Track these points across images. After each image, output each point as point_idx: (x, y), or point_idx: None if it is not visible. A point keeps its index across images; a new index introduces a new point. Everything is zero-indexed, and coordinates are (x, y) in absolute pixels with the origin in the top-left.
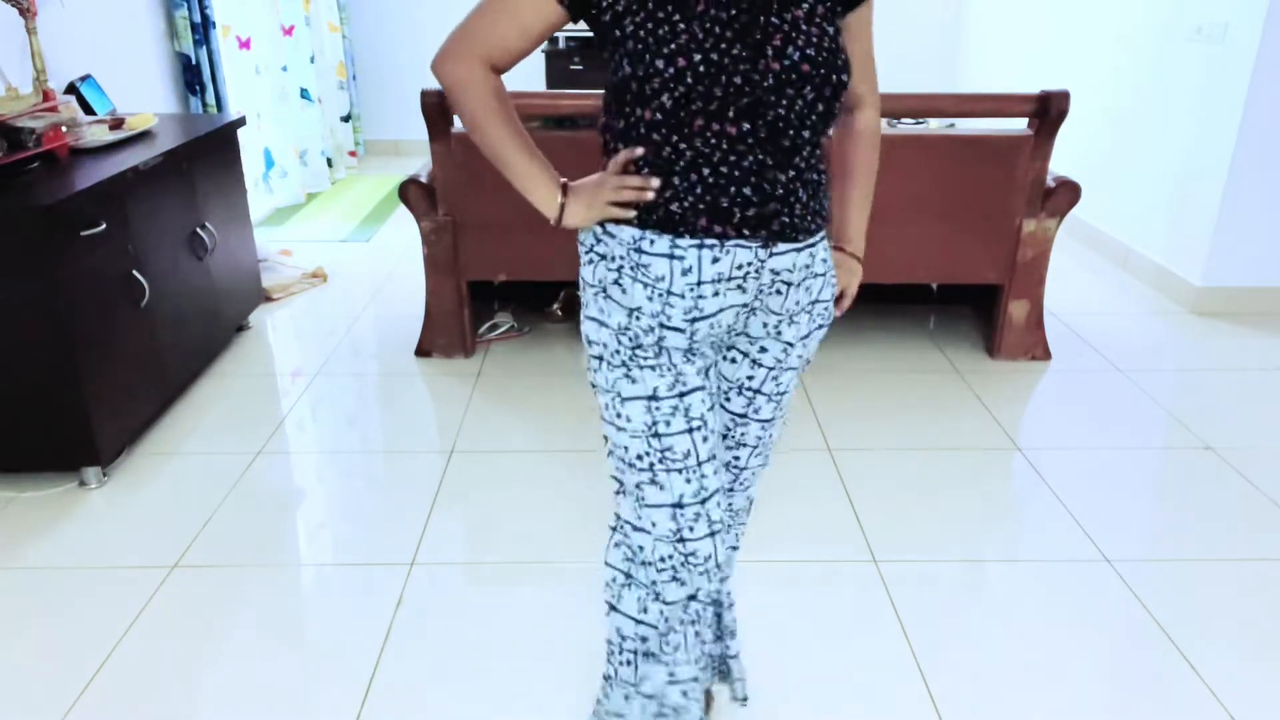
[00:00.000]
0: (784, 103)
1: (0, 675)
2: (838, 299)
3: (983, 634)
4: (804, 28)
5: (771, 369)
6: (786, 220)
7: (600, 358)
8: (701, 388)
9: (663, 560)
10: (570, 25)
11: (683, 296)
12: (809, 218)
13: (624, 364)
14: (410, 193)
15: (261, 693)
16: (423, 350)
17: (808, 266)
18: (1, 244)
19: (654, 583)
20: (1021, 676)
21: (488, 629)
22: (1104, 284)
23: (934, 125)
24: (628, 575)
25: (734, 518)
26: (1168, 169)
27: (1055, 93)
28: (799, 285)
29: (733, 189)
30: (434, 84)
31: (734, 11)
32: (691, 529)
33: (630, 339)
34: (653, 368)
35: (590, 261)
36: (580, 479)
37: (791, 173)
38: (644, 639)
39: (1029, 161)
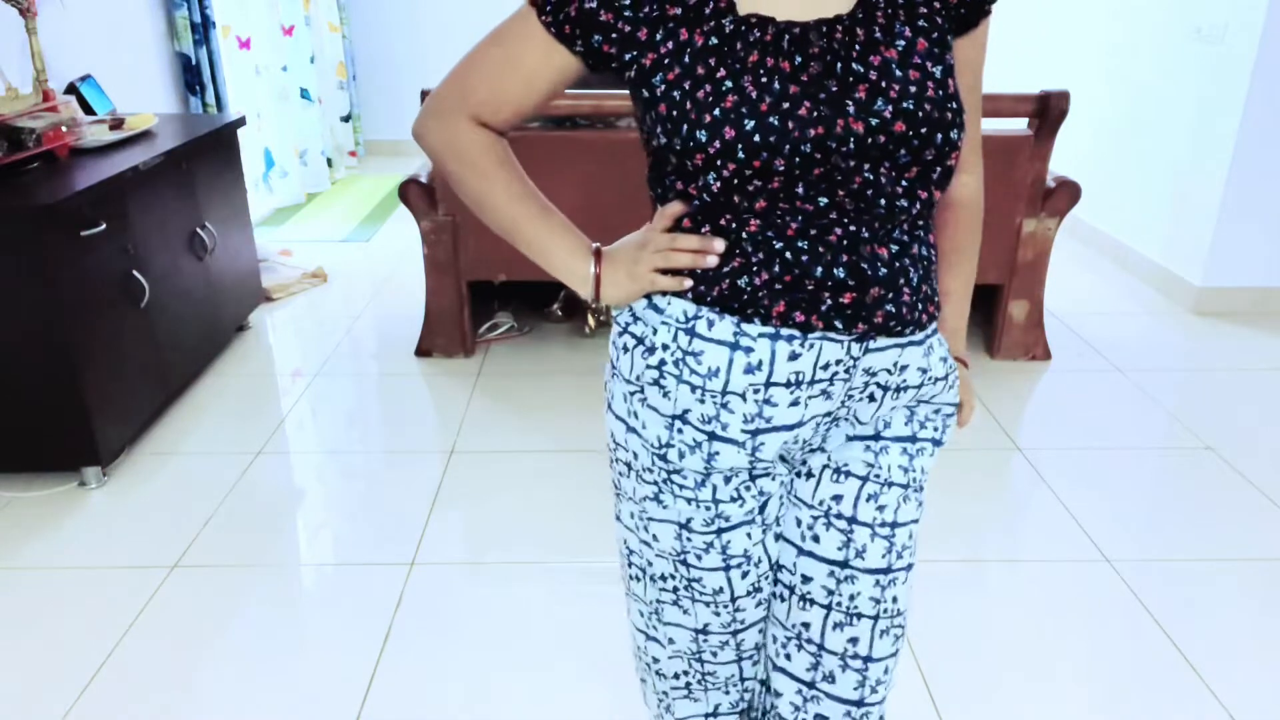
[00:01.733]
0: (869, 169)
1: (0, 675)
2: (959, 410)
3: (982, 634)
4: (898, 73)
5: (863, 479)
6: (893, 310)
7: (629, 465)
8: (749, 522)
9: (676, 676)
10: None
11: (744, 398)
12: (920, 305)
13: (655, 484)
14: (410, 193)
15: (261, 693)
16: (423, 350)
17: (923, 370)
18: (1, 244)
19: (665, 693)
20: (1021, 676)
21: (488, 629)
22: (1104, 284)
23: None
24: (643, 677)
25: None
26: (1168, 169)
27: (1055, 93)
28: (907, 391)
29: (819, 269)
30: (434, 84)
31: (800, 59)
32: (715, 654)
33: (668, 463)
34: (689, 501)
35: (624, 348)
36: (580, 479)
37: (895, 248)
38: None
39: (1029, 161)
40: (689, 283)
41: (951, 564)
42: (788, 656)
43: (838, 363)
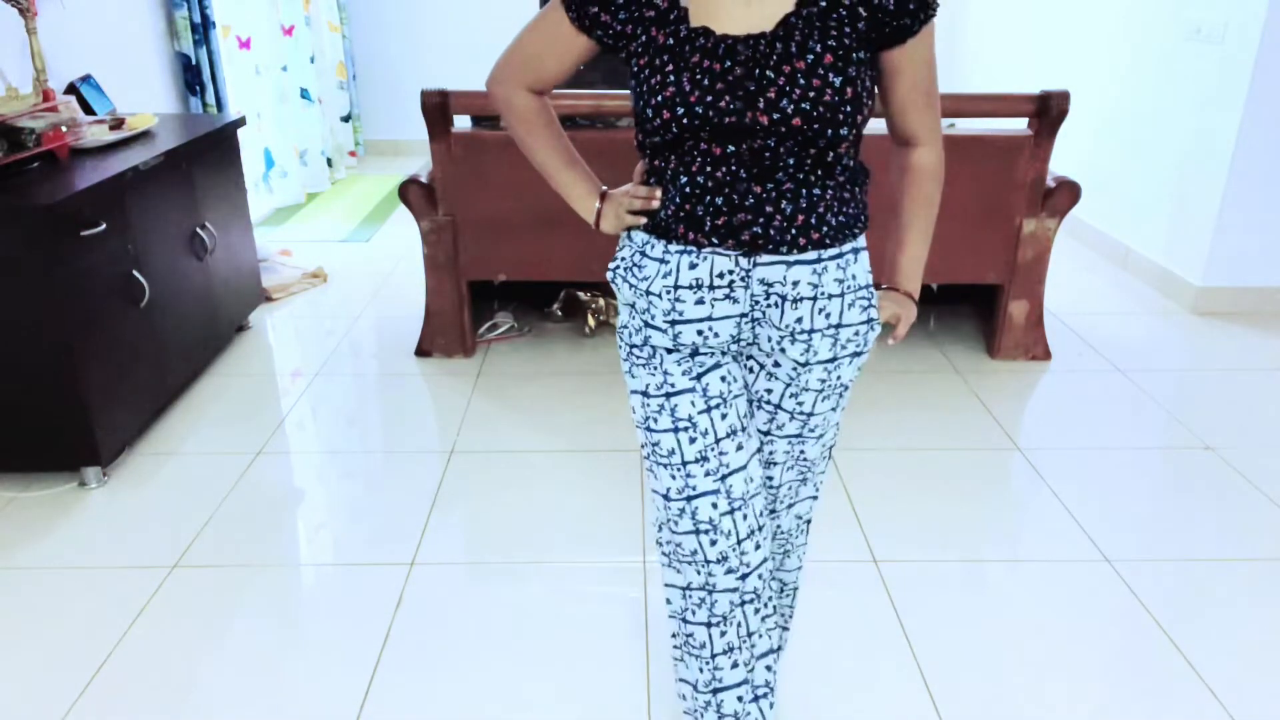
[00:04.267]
0: (771, 142)
1: (0, 675)
2: (890, 328)
3: (983, 634)
4: (801, 81)
5: (788, 385)
6: (760, 231)
7: (620, 348)
8: (690, 390)
9: (663, 545)
10: None
11: (660, 297)
12: (793, 232)
13: (626, 358)
14: (410, 193)
15: (261, 693)
16: (423, 350)
17: (814, 285)
18: (1, 244)
19: (666, 556)
20: (1021, 676)
21: (488, 629)
22: (1104, 284)
23: None
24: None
25: (783, 546)
26: (1168, 169)
27: (1055, 93)
28: (803, 303)
29: (707, 198)
30: (434, 84)
31: (729, 63)
32: (676, 523)
33: (628, 335)
34: (643, 365)
35: (616, 265)
36: (580, 478)
37: (770, 186)
38: (677, 632)
39: (1029, 161)
40: (643, 220)
41: (951, 564)
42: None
43: (730, 272)
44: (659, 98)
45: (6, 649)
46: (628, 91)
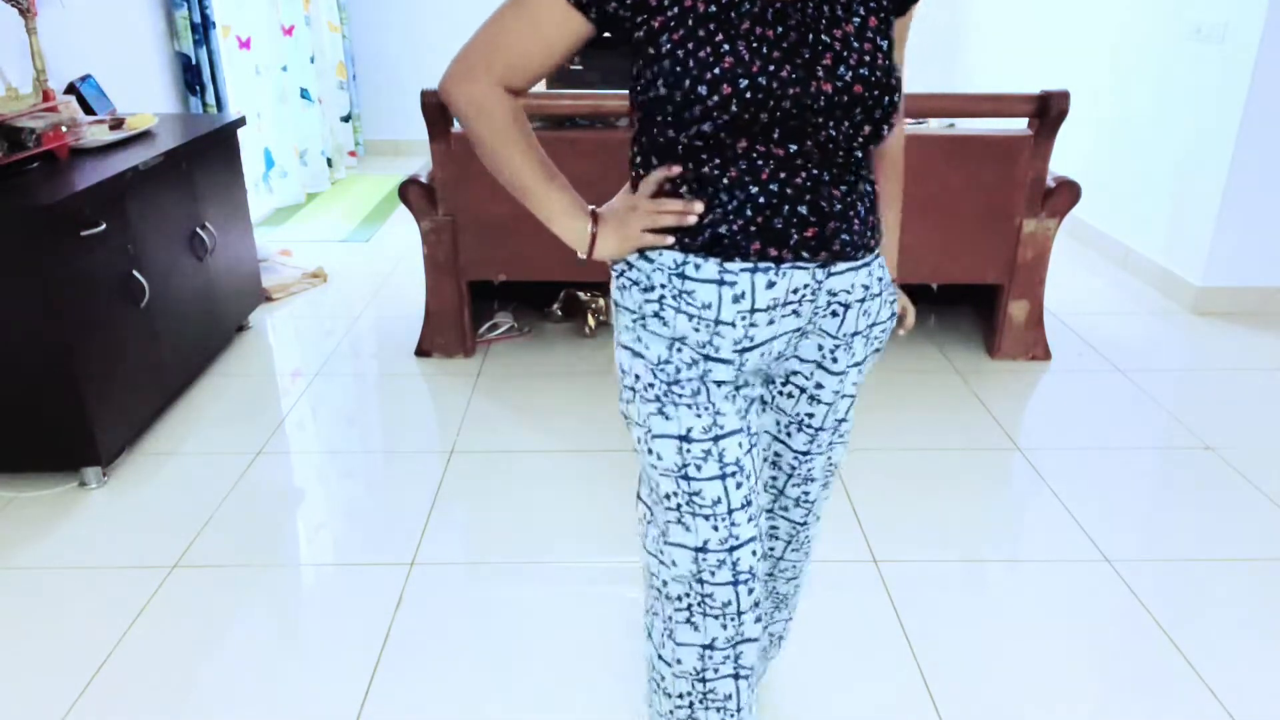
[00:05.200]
0: (833, 124)
1: (0, 675)
2: (900, 320)
3: (983, 634)
4: (855, 44)
5: (831, 404)
6: (848, 239)
7: (633, 389)
8: (740, 430)
9: (679, 599)
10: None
11: (733, 325)
12: (868, 234)
13: (658, 399)
14: (410, 193)
15: (261, 692)
16: (423, 350)
17: (865, 287)
18: (1, 244)
19: (670, 618)
20: (1021, 676)
21: (488, 629)
22: (1104, 284)
23: (934, 125)
24: (651, 605)
25: (803, 548)
26: (1168, 169)
27: (1055, 93)
28: (855, 307)
29: (786, 208)
30: (434, 84)
31: (781, 29)
32: (713, 574)
33: (668, 374)
34: (689, 406)
35: (623, 287)
36: (580, 479)
37: (845, 188)
38: (682, 700)
39: (1029, 161)
40: (671, 239)
41: (951, 564)
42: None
43: (805, 286)
44: (714, 71)
45: (6, 649)
46: (627, 91)
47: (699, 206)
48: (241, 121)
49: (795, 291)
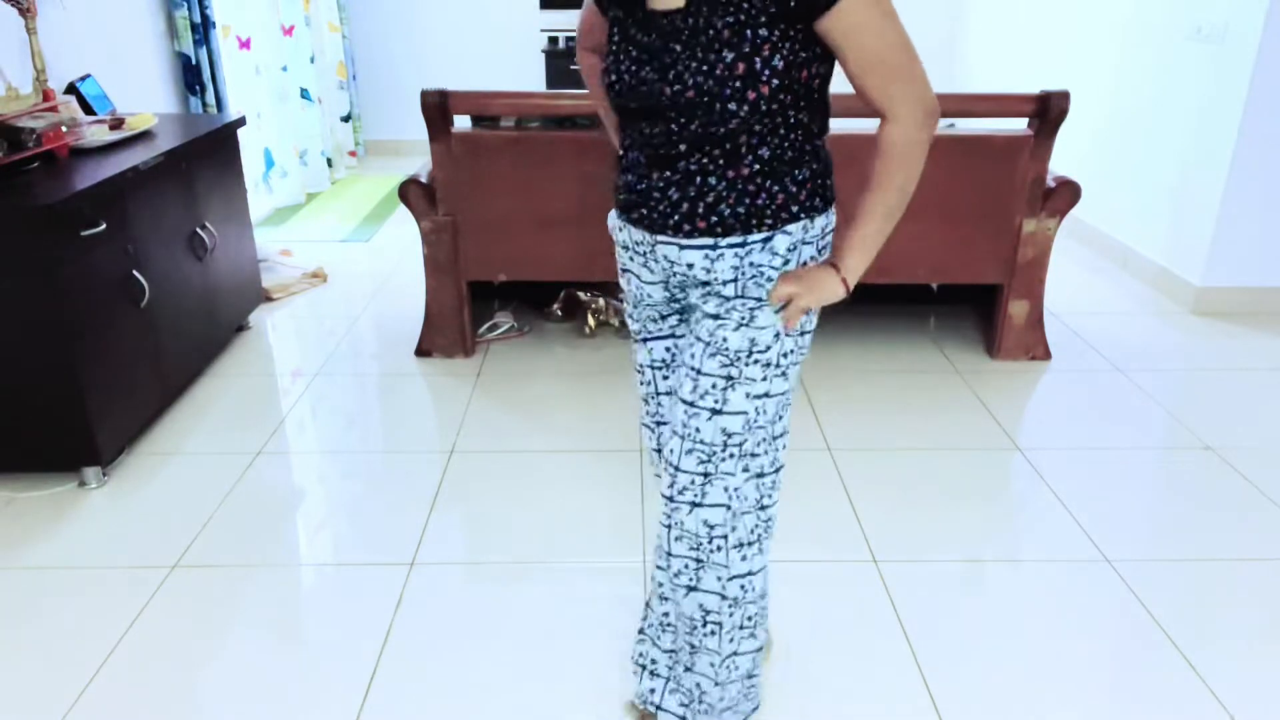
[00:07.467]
0: (680, 119)
1: (0, 675)
2: (784, 307)
3: (983, 634)
4: (700, 54)
5: (697, 361)
6: (644, 213)
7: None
8: (638, 344)
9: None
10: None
11: (619, 250)
12: (680, 220)
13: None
14: (410, 193)
15: (261, 692)
16: (423, 350)
17: (708, 270)
18: (1, 244)
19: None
20: (1021, 676)
21: (488, 629)
22: (1104, 284)
23: None
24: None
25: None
26: (1168, 169)
27: (1055, 93)
28: (702, 288)
29: (624, 178)
30: (434, 84)
31: (652, 35)
32: (648, 442)
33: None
34: (626, 306)
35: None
36: (580, 478)
37: (668, 173)
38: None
39: (1029, 161)
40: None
41: (951, 564)
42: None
43: (639, 243)
44: (606, 64)
45: (6, 649)
46: None
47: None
48: (241, 121)
49: (638, 244)
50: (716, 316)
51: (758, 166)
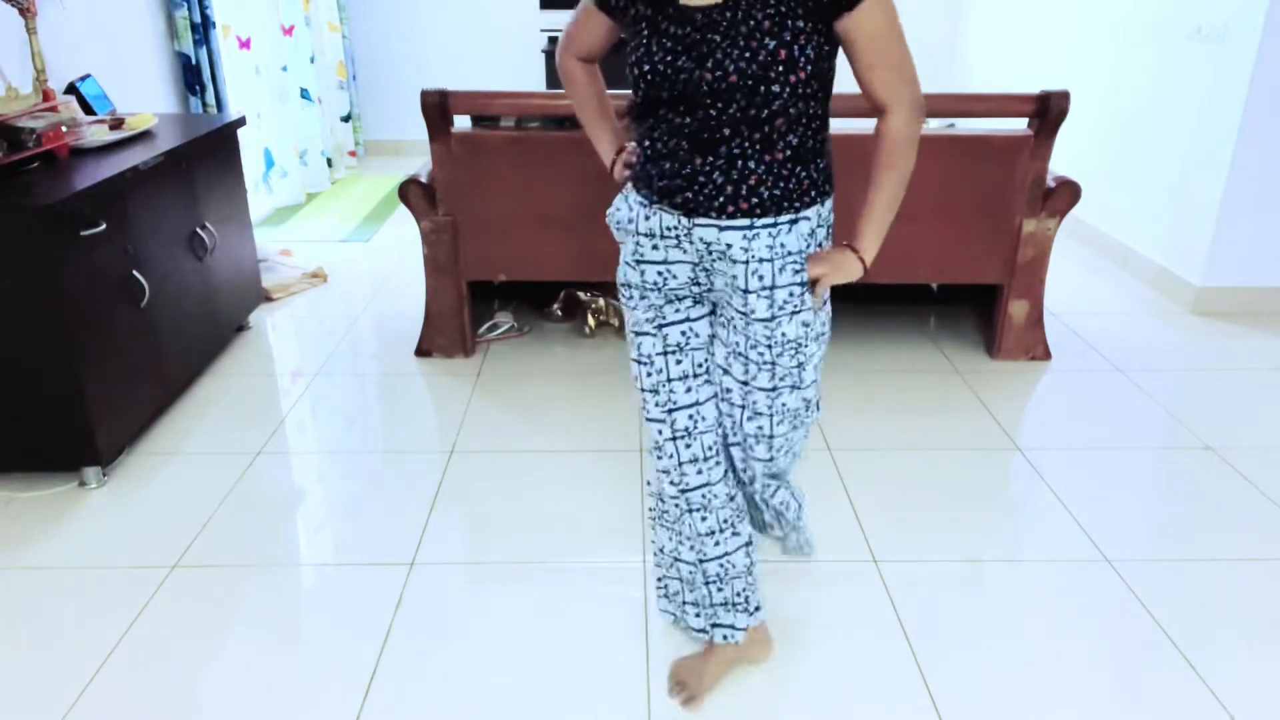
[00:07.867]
0: (719, 104)
1: (0, 675)
2: (812, 285)
3: (983, 634)
4: (742, 43)
5: (752, 341)
6: (690, 197)
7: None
8: (649, 334)
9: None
10: None
11: (630, 236)
12: (723, 201)
13: (627, 296)
14: (410, 193)
15: (261, 692)
16: (423, 350)
17: (745, 249)
18: (1, 244)
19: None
20: (1021, 676)
21: (488, 629)
22: (1104, 284)
23: (934, 125)
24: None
25: (769, 479)
26: (1168, 169)
27: (1055, 93)
28: (740, 264)
29: (657, 163)
30: (433, 84)
31: (687, 29)
32: (659, 432)
33: (620, 274)
34: (630, 308)
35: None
36: (580, 478)
37: (710, 157)
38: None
39: (1029, 161)
40: (628, 174)
41: (951, 564)
42: (732, 433)
43: (673, 228)
44: (634, 57)
45: (6, 649)
46: (628, 92)
47: (633, 146)
48: (241, 121)
49: (669, 229)
50: (772, 318)
51: (789, 152)
